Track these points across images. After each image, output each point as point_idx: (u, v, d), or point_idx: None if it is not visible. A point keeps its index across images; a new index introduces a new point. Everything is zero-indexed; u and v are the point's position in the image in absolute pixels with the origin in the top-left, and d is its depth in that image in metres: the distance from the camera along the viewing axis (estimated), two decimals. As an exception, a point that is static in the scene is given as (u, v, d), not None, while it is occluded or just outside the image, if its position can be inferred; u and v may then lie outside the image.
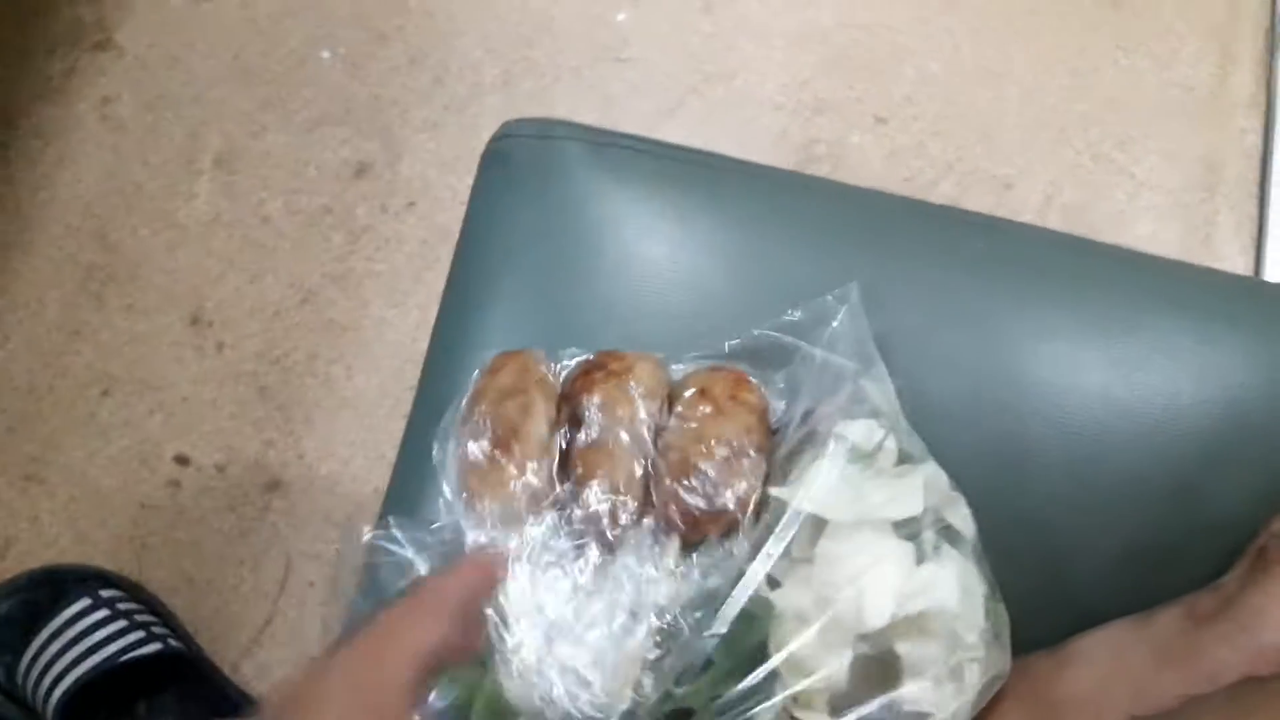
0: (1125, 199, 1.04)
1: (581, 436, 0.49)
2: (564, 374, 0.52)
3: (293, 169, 1.11)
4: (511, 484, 0.48)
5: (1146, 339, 0.55)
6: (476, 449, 0.49)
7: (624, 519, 0.47)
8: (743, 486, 0.47)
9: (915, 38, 1.09)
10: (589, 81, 1.12)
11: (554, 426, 0.50)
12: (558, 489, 0.48)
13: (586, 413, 0.49)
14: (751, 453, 0.47)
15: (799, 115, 1.08)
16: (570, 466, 0.49)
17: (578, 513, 0.47)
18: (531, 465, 0.48)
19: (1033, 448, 0.53)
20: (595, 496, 0.47)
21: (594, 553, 0.47)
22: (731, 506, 0.46)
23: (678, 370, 0.52)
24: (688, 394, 0.50)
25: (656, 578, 0.45)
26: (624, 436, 0.48)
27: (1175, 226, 1.03)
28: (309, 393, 1.05)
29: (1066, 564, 0.52)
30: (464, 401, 0.51)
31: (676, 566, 0.46)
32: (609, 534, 0.47)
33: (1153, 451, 0.53)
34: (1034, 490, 0.53)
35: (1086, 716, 0.45)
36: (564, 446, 0.49)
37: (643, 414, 0.49)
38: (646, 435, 0.49)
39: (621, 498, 0.46)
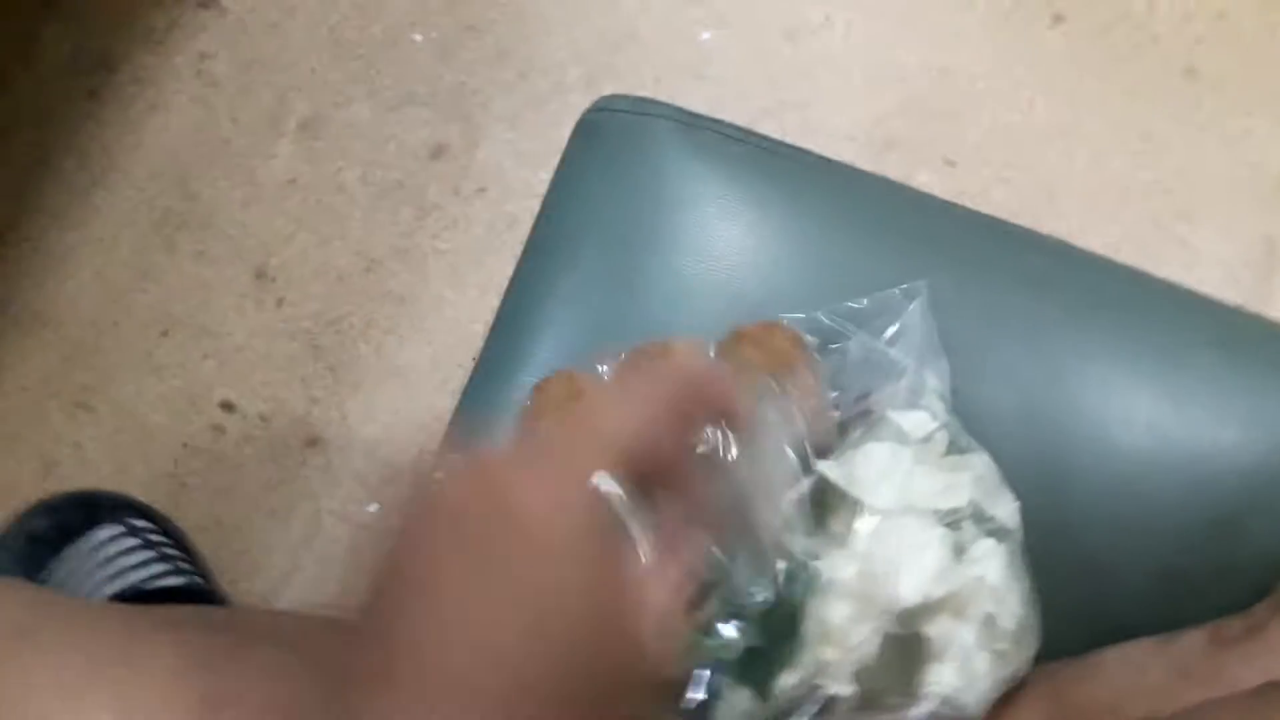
0: (1182, 269, 1.05)
1: None
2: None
3: (373, 142, 1.14)
4: None
5: (1198, 376, 0.56)
6: None
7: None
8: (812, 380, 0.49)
9: (993, 86, 1.11)
10: (668, 93, 1.14)
11: None
12: None
13: None
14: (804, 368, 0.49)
15: (869, 149, 1.10)
16: None
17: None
18: None
19: (1076, 464, 0.54)
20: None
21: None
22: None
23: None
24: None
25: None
26: None
27: (1229, 301, 1.04)
28: (361, 358, 1.07)
29: (1099, 579, 0.53)
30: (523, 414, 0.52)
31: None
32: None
33: (1194, 482, 0.54)
34: (1074, 505, 0.54)
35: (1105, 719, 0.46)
36: None
37: None
38: None
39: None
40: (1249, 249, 1.05)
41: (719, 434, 0.41)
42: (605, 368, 0.52)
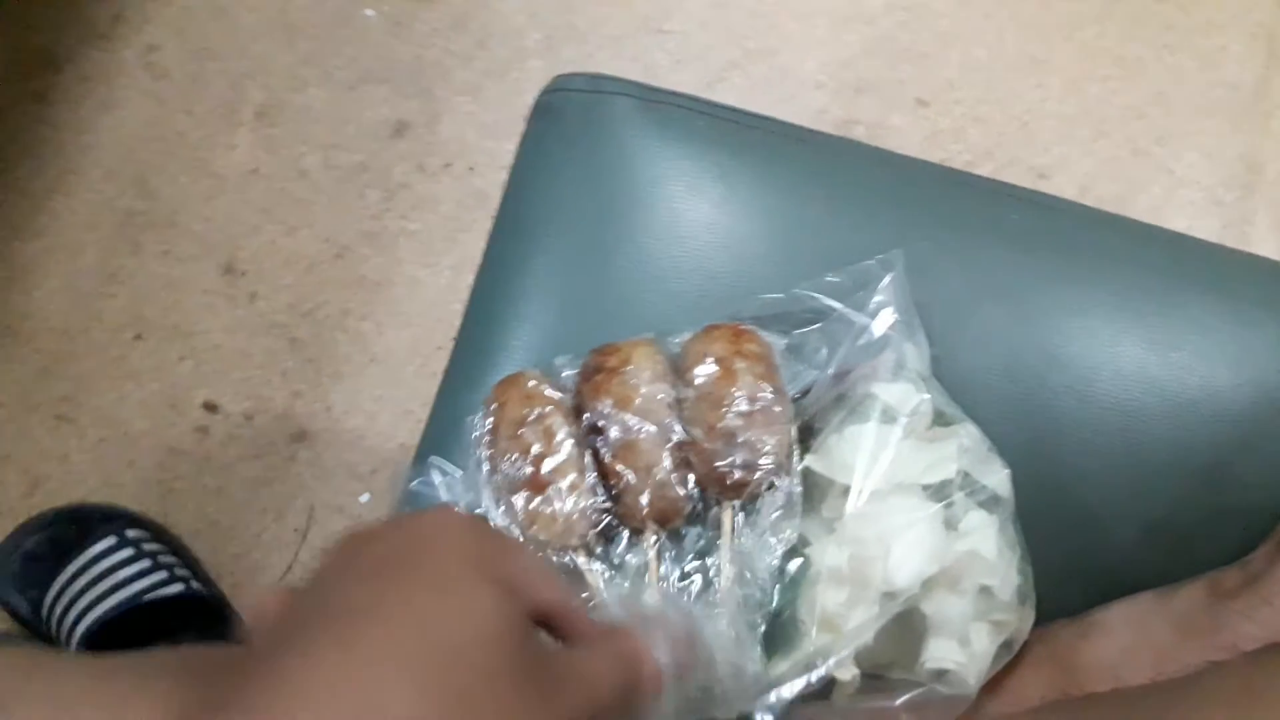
0: (1162, 194, 1.04)
1: (607, 442, 0.49)
2: (566, 379, 0.52)
3: (332, 125, 1.11)
4: (558, 519, 0.48)
5: (1184, 319, 0.55)
6: (517, 498, 0.48)
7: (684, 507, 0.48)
8: (773, 440, 0.48)
9: (960, 22, 1.09)
10: (630, 51, 1.12)
11: (579, 441, 0.49)
12: (597, 498, 0.49)
13: (603, 419, 0.49)
14: (770, 397, 0.48)
15: (840, 94, 1.08)
16: (608, 476, 0.49)
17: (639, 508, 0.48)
18: (570, 481, 0.48)
19: (1065, 420, 0.53)
20: (641, 495, 0.48)
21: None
22: (772, 460, 0.47)
23: (676, 343, 0.52)
24: (692, 363, 0.50)
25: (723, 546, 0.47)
26: (648, 428, 0.48)
27: (1211, 224, 1.03)
28: (339, 347, 1.06)
29: (1093, 535, 0.52)
30: (480, 437, 0.51)
31: (735, 533, 0.47)
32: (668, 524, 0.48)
33: (1185, 430, 0.53)
34: (1064, 462, 0.53)
35: (1108, 682, 0.46)
36: (593, 456, 0.49)
37: (658, 395, 0.49)
38: (669, 416, 0.49)
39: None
40: (1229, 169, 1.04)
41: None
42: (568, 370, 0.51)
